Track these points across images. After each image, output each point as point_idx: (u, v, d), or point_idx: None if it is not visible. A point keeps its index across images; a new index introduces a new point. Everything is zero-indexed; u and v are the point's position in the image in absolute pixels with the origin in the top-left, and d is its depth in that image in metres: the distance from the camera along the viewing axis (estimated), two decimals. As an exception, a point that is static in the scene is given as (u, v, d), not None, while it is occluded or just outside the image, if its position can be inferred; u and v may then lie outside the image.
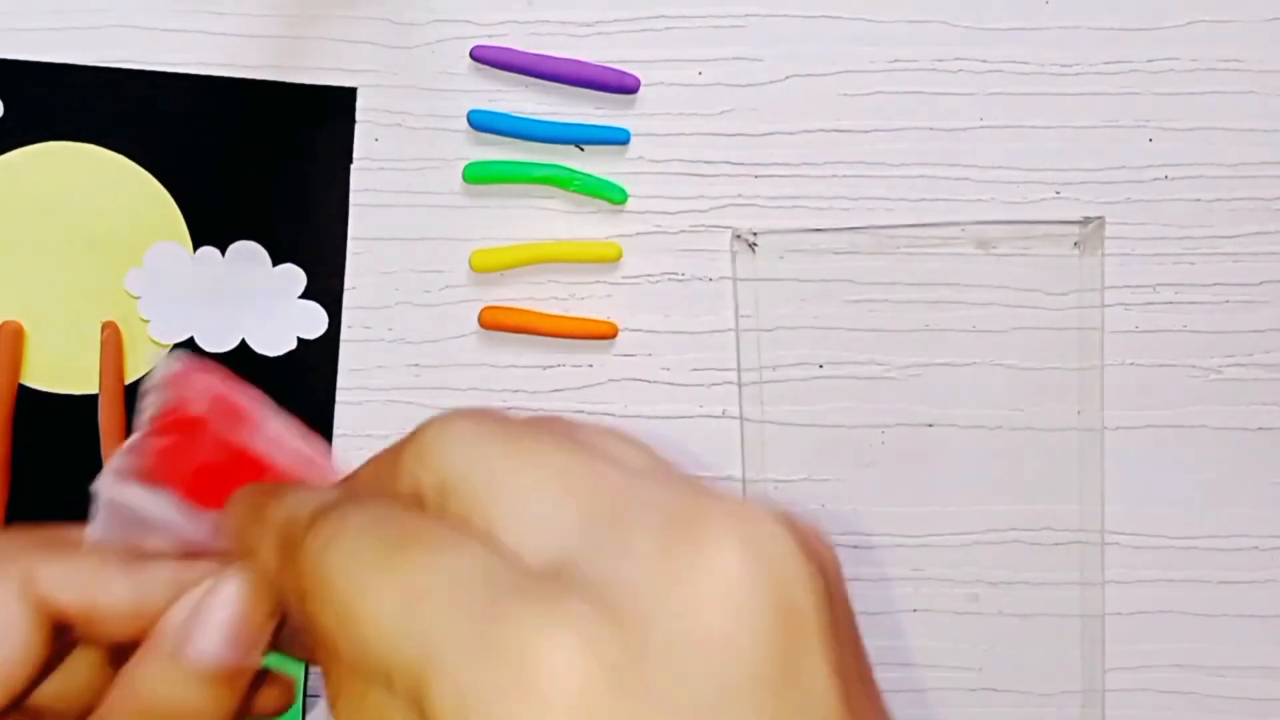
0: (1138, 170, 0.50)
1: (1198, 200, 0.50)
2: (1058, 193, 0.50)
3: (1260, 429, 0.50)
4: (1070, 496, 0.50)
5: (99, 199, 0.50)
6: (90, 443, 0.50)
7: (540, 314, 0.50)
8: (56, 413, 0.50)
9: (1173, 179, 0.50)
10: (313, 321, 0.50)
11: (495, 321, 0.50)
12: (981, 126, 0.50)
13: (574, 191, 0.50)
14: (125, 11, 0.51)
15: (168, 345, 0.50)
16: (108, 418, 0.50)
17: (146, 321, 0.50)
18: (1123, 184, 0.50)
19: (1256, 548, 0.50)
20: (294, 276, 0.50)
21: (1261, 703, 0.50)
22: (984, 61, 0.50)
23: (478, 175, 0.50)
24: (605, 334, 0.50)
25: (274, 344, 0.50)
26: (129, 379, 0.50)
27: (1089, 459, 0.49)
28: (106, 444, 0.50)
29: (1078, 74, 0.50)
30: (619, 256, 0.50)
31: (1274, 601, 0.50)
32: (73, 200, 0.50)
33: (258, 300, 0.50)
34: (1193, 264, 0.50)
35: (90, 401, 0.50)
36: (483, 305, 0.50)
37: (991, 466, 0.48)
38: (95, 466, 0.50)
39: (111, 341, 0.50)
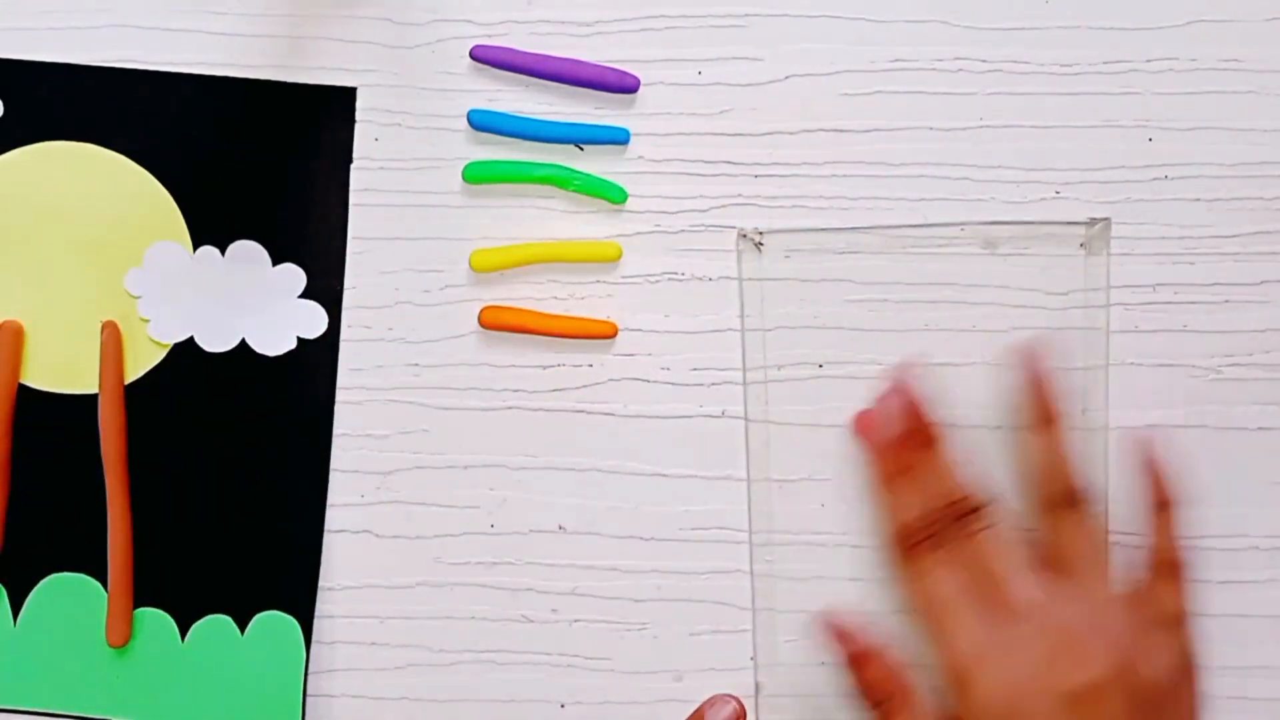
0: (1138, 170, 0.50)
1: (1198, 200, 0.50)
2: (1057, 193, 0.50)
3: (1260, 429, 0.50)
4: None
5: (99, 199, 0.50)
6: (90, 443, 0.50)
7: (540, 314, 0.50)
8: (56, 413, 0.50)
9: (1173, 179, 0.50)
10: (313, 321, 0.50)
11: (495, 321, 0.50)
12: (981, 126, 0.50)
13: (574, 191, 0.50)
14: (125, 11, 0.51)
15: (168, 345, 0.50)
16: (108, 418, 0.50)
17: (146, 321, 0.50)
18: (1122, 184, 0.50)
19: (1256, 548, 0.50)
20: (294, 276, 0.50)
21: (1261, 703, 0.50)
22: (984, 61, 0.50)
23: (478, 175, 0.50)
24: (605, 334, 0.50)
25: (274, 344, 0.50)
26: (129, 379, 0.50)
27: (1090, 459, 0.49)
28: (106, 444, 0.50)
29: (1078, 74, 0.50)
30: (619, 256, 0.50)
31: (1274, 601, 0.50)
32: (73, 200, 0.50)
33: (258, 300, 0.50)
34: (1193, 264, 0.50)
35: (90, 401, 0.50)
36: (483, 305, 0.50)
37: (992, 466, 0.48)
38: (95, 466, 0.50)
39: (111, 341, 0.50)
